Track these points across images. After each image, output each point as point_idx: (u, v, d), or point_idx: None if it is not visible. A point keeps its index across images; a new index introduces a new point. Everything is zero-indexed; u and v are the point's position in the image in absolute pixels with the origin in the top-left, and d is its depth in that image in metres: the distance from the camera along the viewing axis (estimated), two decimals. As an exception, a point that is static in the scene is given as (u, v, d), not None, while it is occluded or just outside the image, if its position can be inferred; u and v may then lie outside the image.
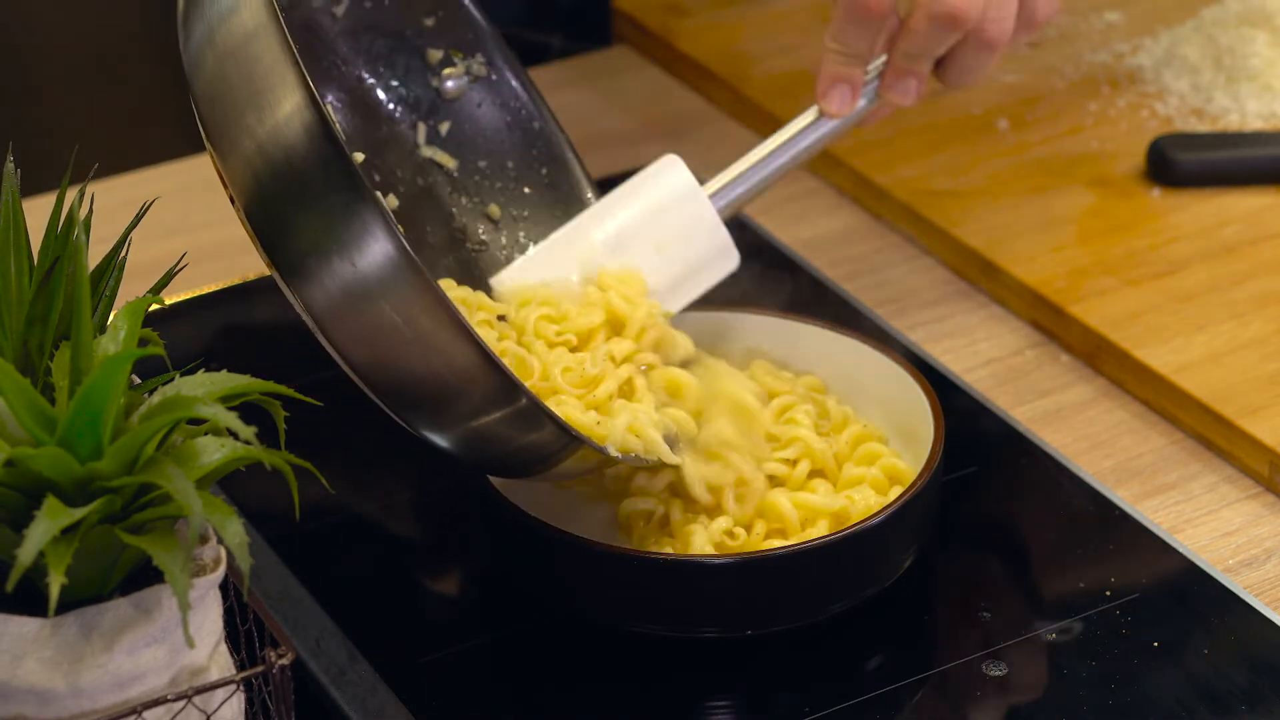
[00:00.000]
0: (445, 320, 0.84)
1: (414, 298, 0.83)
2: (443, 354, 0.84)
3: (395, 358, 0.85)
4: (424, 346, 0.84)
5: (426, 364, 0.85)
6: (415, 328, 0.84)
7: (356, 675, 0.93)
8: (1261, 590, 0.97)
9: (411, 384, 0.86)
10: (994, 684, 0.92)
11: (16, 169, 0.82)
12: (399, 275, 0.83)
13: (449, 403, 0.86)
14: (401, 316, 0.84)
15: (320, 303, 0.85)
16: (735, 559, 0.91)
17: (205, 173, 1.30)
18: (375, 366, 0.86)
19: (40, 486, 0.74)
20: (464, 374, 0.85)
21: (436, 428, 0.88)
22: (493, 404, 0.85)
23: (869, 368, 1.01)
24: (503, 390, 0.85)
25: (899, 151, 1.26)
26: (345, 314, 0.85)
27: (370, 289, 0.84)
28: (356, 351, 0.86)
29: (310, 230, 0.84)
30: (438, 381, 0.85)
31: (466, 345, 0.84)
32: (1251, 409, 1.05)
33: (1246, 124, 1.27)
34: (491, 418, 0.86)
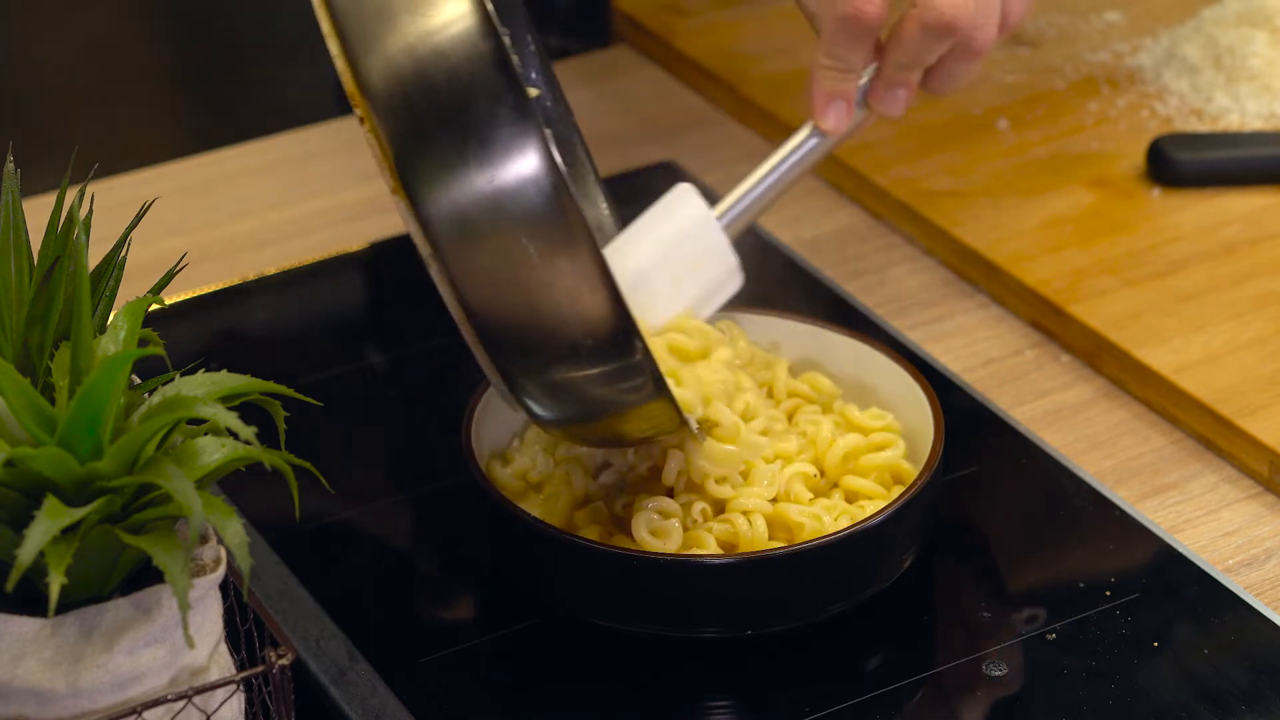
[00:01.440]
0: (586, 256, 0.81)
1: (558, 227, 0.81)
2: (572, 292, 0.82)
3: (516, 291, 0.83)
4: (553, 282, 0.82)
5: (550, 301, 0.82)
6: (549, 260, 0.81)
7: (356, 675, 0.93)
8: (1261, 590, 0.97)
9: (523, 321, 0.84)
10: (994, 684, 0.92)
11: (16, 169, 0.82)
12: (547, 201, 0.81)
13: (556, 345, 0.84)
14: (536, 246, 0.81)
15: (447, 223, 0.82)
16: (735, 559, 0.91)
17: (205, 173, 1.30)
18: (489, 298, 0.83)
19: (40, 486, 0.74)
20: (587, 315, 0.83)
21: (528, 371, 0.85)
22: (604, 351, 0.84)
23: (869, 368, 1.01)
24: (622, 336, 0.83)
25: (899, 151, 1.26)
26: (474, 238, 0.82)
27: (509, 211, 0.81)
28: (473, 279, 0.83)
29: (456, 140, 0.81)
30: (554, 321, 0.83)
31: (602, 285, 0.82)
32: (1251, 409, 1.05)
33: (1246, 124, 1.27)
34: (594, 366, 0.84)
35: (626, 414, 0.88)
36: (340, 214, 1.26)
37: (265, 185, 1.29)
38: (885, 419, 0.99)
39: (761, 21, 1.39)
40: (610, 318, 0.83)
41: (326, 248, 1.22)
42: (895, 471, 0.97)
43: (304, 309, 1.20)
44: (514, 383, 0.87)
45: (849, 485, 0.96)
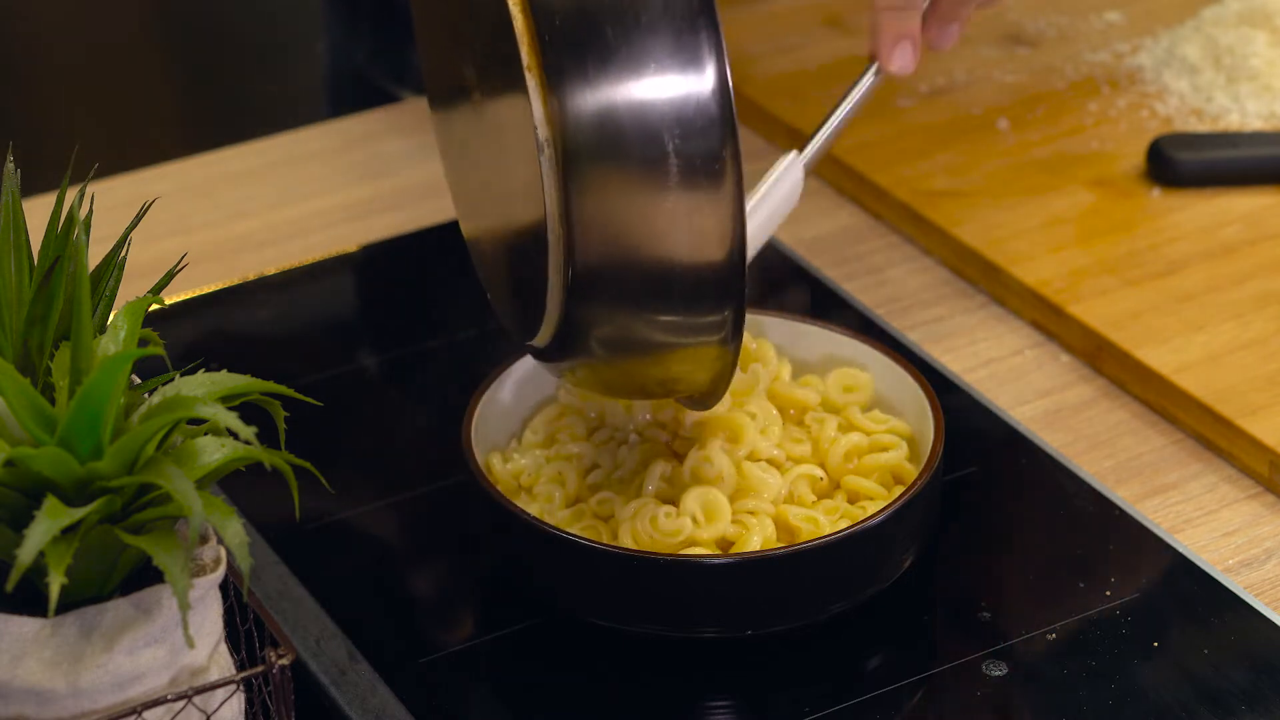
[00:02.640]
0: (729, 186, 0.78)
1: (708, 148, 0.78)
2: (696, 219, 0.79)
3: (637, 202, 0.79)
4: (684, 203, 0.79)
5: (670, 223, 0.79)
6: (687, 181, 0.78)
7: (356, 675, 0.93)
8: (1261, 590, 0.97)
9: (630, 239, 0.80)
10: (994, 684, 0.92)
11: (16, 169, 0.82)
12: (707, 120, 0.78)
13: (655, 270, 0.81)
14: (680, 163, 0.78)
15: (589, 117, 0.78)
16: (735, 559, 0.91)
17: (205, 172, 1.30)
18: (604, 203, 0.79)
19: (40, 486, 0.74)
20: (702, 248, 0.79)
21: (610, 291, 0.82)
22: (704, 294, 0.81)
23: (869, 368, 1.01)
24: (727, 281, 0.80)
25: (899, 151, 1.26)
26: (614, 137, 0.78)
27: (664, 119, 0.78)
28: (594, 183, 0.79)
29: (627, 34, 0.78)
30: (667, 250, 0.80)
31: (734, 229, 0.79)
32: (1251, 409, 1.05)
33: (1246, 124, 1.27)
34: (684, 305, 0.81)
35: (683, 355, 0.85)
36: (340, 214, 1.26)
37: (265, 185, 1.29)
38: (889, 423, 0.99)
39: (761, 21, 1.39)
40: (728, 267, 0.80)
41: (326, 248, 1.22)
42: (897, 472, 0.97)
43: (304, 309, 1.20)
44: (577, 302, 0.83)
45: (851, 485, 0.96)
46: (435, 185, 1.27)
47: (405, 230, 1.23)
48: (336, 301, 1.22)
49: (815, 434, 0.98)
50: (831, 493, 0.97)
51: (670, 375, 0.88)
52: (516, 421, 1.01)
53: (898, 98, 1.31)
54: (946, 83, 1.32)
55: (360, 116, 1.35)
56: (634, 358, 0.87)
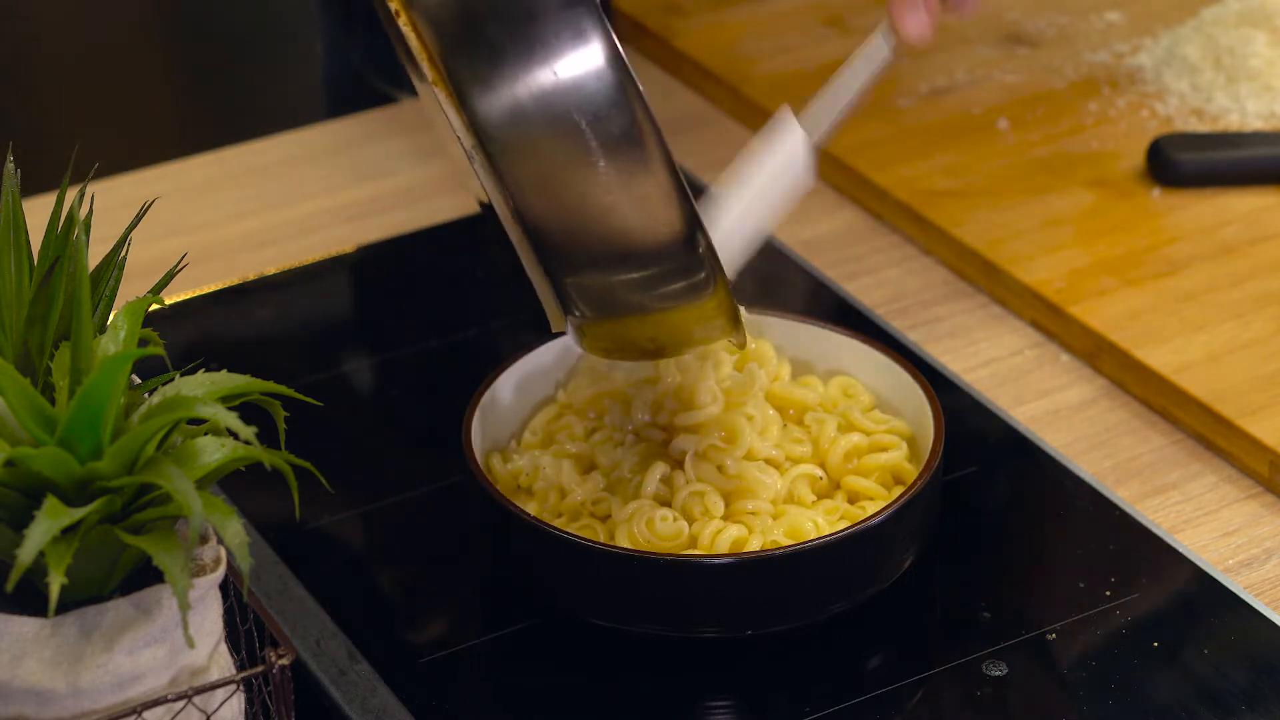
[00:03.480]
0: (651, 146, 0.79)
1: (620, 117, 0.78)
2: (638, 192, 0.80)
3: (574, 187, 0.80)
4: (616, 174, 0.79)
5: (613, 200, 0.80)
6: (612, 152, 0.79)
7: (356, 675, 0.93)
8: (1261, 590, 0.98)
9: (580, 218, 0.81)
10: (994, 684, 0.92)
11: (16, 169, 0.82)
12: (609, 90, 0.79)
13: (615, 243, 0.81)
14: (599, 138, 0.79)
15: (500, 116, 0.79)
16: (735, 559, 0.91)
17: (205, 173, 1.30)
18: (542, 194, 0.80)
19: (40, 486, 0.74)
20: (654, 216, 0.80)
21: (581, 268, 0.83)
22: (669, 251, 0.81)
23: (869, 368, 1.01)
24: (689, 236, 0.80)
25: (899, 151, 1.26)
26: (529, 132, 0.79)
27: (570, 101, 0.79)
28: (525, 175, 0.80)
29: (512, 31, 0.79)
30: (617, 220, 0.81)
31: (672, 187, 0.79)
32: (1251, 409, 1.05)
33: (1246, 124, 1.27)
34: (655, 266, 0.82)
35: (679, 314, 0.85)
36: (339, 214, 1.26)
37: (265, 185, 1.29)
38: (889, 423, 0.99)
39: (761, 21, 1.39)
40: (679, 220, 0.81)
41: (326, 248, 1.22)
42: (897, 472, 0.97)
43: (304, 309, 1.20)
44: (562, 282, 0.84)
45: (851, 485, 0.96)
46: (434, 186, 1.27)
47: (405, 230, 1.23)
48: (336, 301, 1.22)
49: (815, 434, 0.98)
50: (831, 493, 0.97)
51: (683, 332, 0.88)
52: (516, 421, 1.01)
53: (898, 98, 1.31)
54: (946, 83, 1.32)
55: (359, 117, 1.35)
56: (636, 325, 0.87)
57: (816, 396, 1.00)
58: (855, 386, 1.01)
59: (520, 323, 1.14)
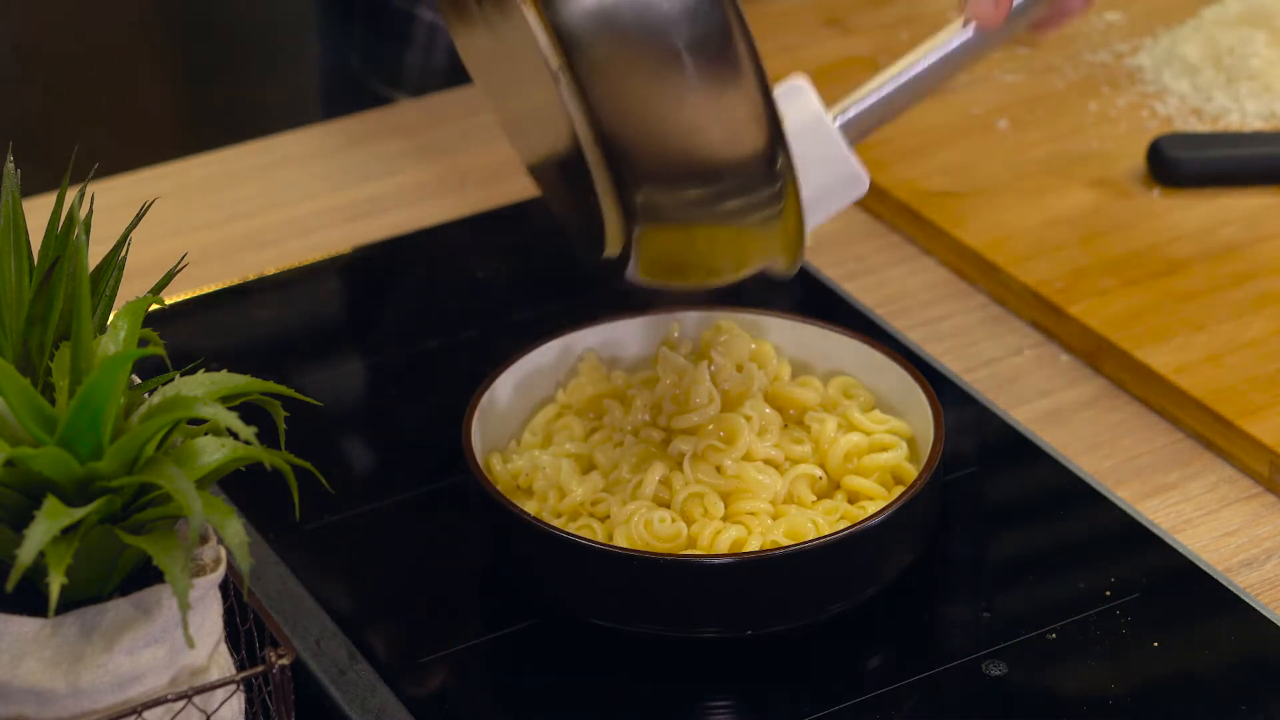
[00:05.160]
0: (743, 56, 0.78)
1: (713, 26, 0.78)
2: (722, 97, 0.79)
3: (661, 91, 0.79)
4: (704, 82, 0.78)
5: (696, 105, 0.79)
6: (701, 60, 0.78)
7: (356, 675, 0.93)
8: (1261, 590, 0.98)
9: (667, 126, 0.80)
10: (994, 684, 0.92)
11: (16, 169, 0.82)
12: (711, 3, 0.77)
13: (698, 152, 0.80)
14: (689, 45, 0.78)
15: (590, 22, 0.78)
16: (735, 559, 0.91)
17: (205, 172, 1.30)
18: (629, 100, 0.79)
19: (40, 486, 0.74)
20: (735, 123, 0.79)
21: (661, 180, 0.82)
22: (748, 162, 0.80)
23: (869, 368, 1.01)
24: (768, 148, 0.80)
25: (899, 151, 1.26)
26: (618, 34, 0.78)
27: (668, 17, 0.78)
28: (613, 85, 0.79)
29: None
30: (700, 128, 0.80)
31: (755, 89, 0.78)
32: (1251, 409, 1.05)
33: (1246, 124, 1.27)
34: (734, 179, 0.81)
35: (748, 231, 0.84)
36: (340, 214, 1.26)
37: (265, 185, 1.29)
38: (889, 423, 0.99)
39: (761, 21, 1.39)
40: (764, 135, 0.80)
41: (326, 248, 1.22)
42: (897, 472, 0.97)
43: (304, 309, 1.20)
44: (633, 196, 0.83)
45: (851, 485, 0.96)
46: (435, 186, 1.27)
47: (405, 230, 1.23)
48: (336, 301, 1.22)
49: (815, 434, 0.98)
50: (831, 493, 0.97)
51: (746, 250, 0.87)
52: (516, 422, 1.01)
53: (898, 98, 1.31)
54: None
55: (359, 117, 1.35)
56: (703, 239, 0.86)
57: (816, 396, 1.00)
58: (855, 386, 1.01)
59: (520, 323, 1.14)
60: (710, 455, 0.96)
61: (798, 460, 0.97)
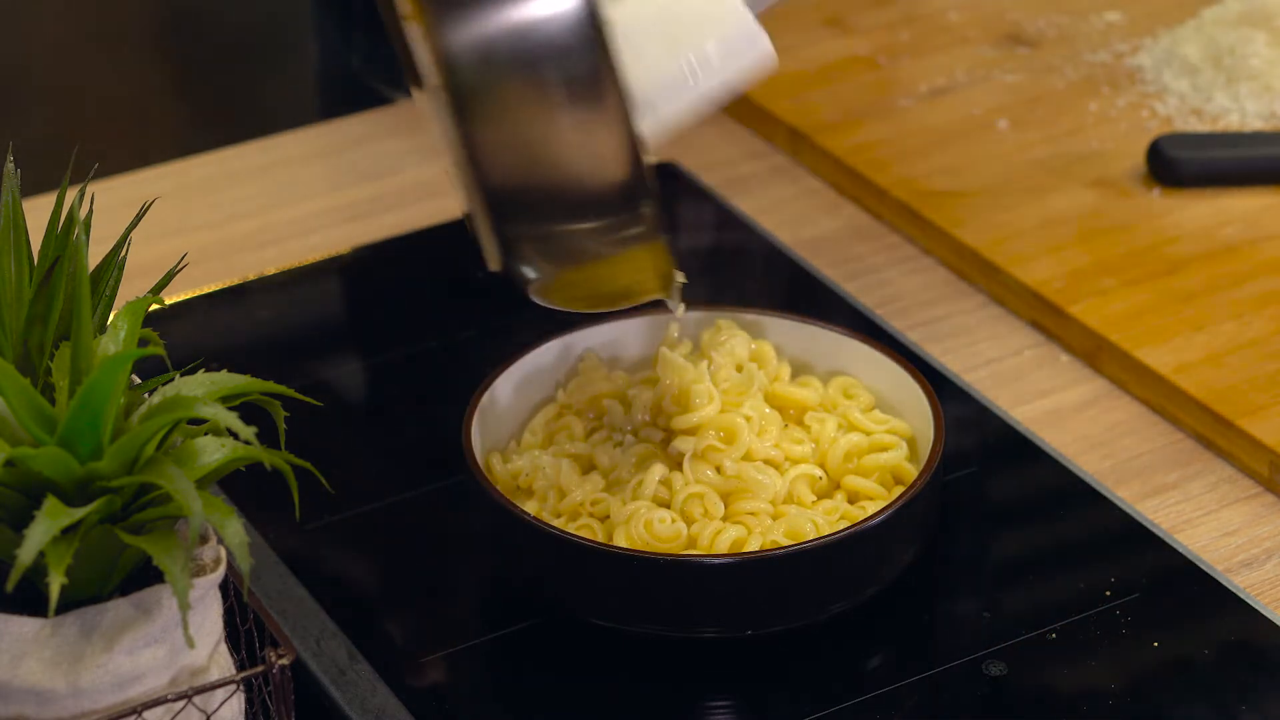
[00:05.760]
0: (614, 104, 0.80)
1: (585, 66, 0.80)
2: (592, 141, 0.81)
3: (532, 132, 0.81)
4: (575, 127, 0.81)
5: (568, 147, 0.81)
6: (575, 103, 0.80)
7: (356, 675, 0.93)
8: (1261, 590, 0.97)
9: (534, 164, 0.82)
10: (994, 684, 0.92)
11: (17, 169, 0.82)
12: (581, 39, 0.80)
13: (565, 193, 0.82)
14: (564, 86, 0.80)
15: (469, 54, 0.80)
16: (735, 559, 0.91)
17: (205, 172, 1.30)
18: (500, 136, 0.82)
19: (40, 486, 0.74)
20: (605, 168, 0.81)
21: (525, 216, 0.84)
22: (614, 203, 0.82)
23: (869, 368, 1.01)
24: (633, 188, 0.82)
25: (899, 151, 1.26)
26: (497, 71, 0.80)
27: (539, 46, 0.80)
28: (486, 115, 0.81)
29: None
30: (569, 168, 0.82)
31: (627, 143, 0.80)
32: (1251, 409, 1.05)
33: (1246, 124, 1.27)
34: (599, 217, 0.83)
35: (618, 260, 0.86)
36: (340, 214, 1.26)
37: (265, 185, 1.29)
38: (889, 423, 0.99)
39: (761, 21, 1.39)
40: (629, 174, 0.82)
41: (326, 248, 1.22)
42: (896, 472, 0.97)
43: (304, 309, 1.20)
44: (505, 227, 0.85)
45: (851, 485, 0.96)
46: (434, 186, 1.27)
47: (404, 230, 1.23)
48: (336, 301, 1.22)
49: (815, 434, 0.98)
50: (831, 493, 0.97)
51: (618, 283, 0.89)
52: (516, 422, 1.01)
53: (898, 98, 1.31)
54: (946, 83, 1.32)
55: (360, 117, 1.35)
56: (573, 271, 0.87)
57: (816, 396, 1.00)
58: (855, 386, 1.01)
59: (520, 323, 1.14)
60: (710, 455, 0.96)
61: (798, 460, 0.97)
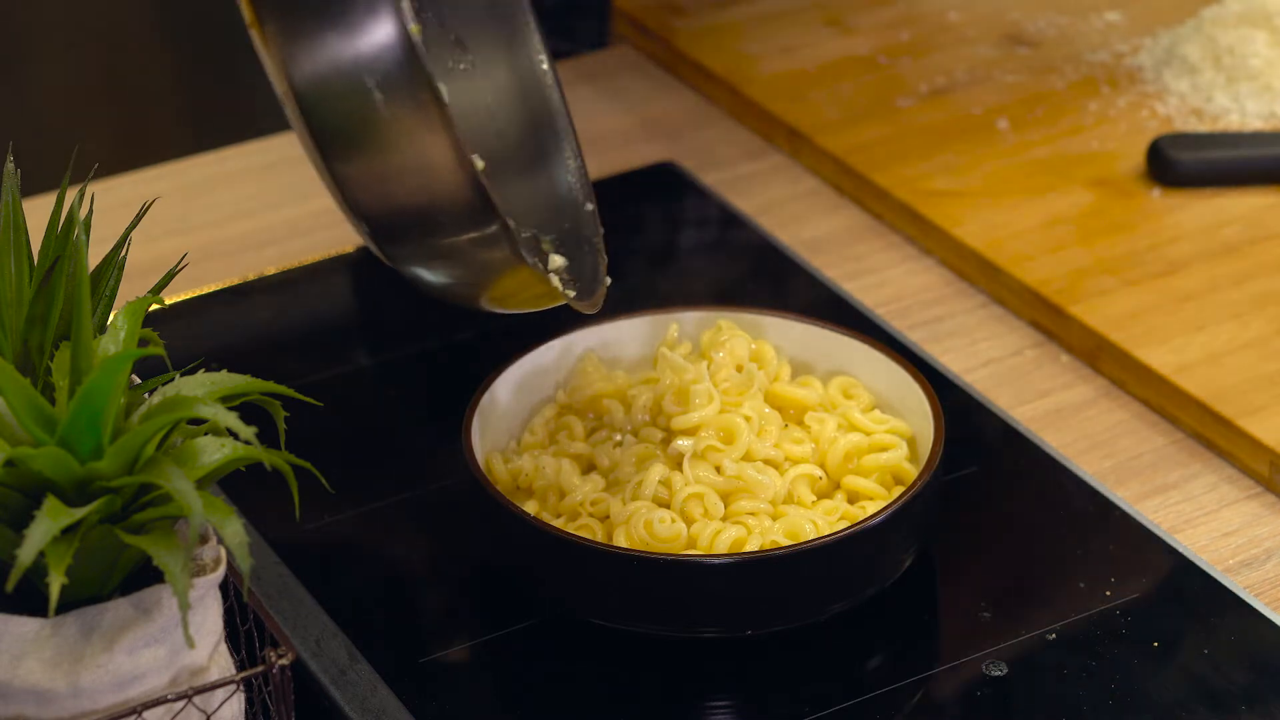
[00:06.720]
0: (438, 122, 0.83)
1: (410, 89, 0.83)
2: (425, 158, 0.84)
3: (372, 150, 0.85)
4: (406, 144, 0.84)
5: (406, 164, 0.84)
6: (400, 122, 0.83)
7: (356, 675, 0.93)
8: (1261, 590, 0.98)
9: (379, 180, 0.86)
10: (994, 684, 0.92)
11: (16, 169, 0.82)
12: (401, 56, 0.83)
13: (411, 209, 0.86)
14: (389, 106, 0.83)
15: (301, 68, 0.84)
16: (735, 559, 0.91)
17: (205, 172, 1.30)
18: (347, 155, 0.86)
19: (40, 486, 0.74)
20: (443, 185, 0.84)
21: (389, 232, 0.87)
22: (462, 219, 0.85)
23: (869, 368, 1.01)
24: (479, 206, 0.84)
25: (899, 151, 1.26)
26: (325, 86, 0.84)
27: (364, 70, 0.83)
28: (329, 132, 0.85)
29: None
30: (411, 185, 0.85)
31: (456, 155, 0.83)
32: (1251, 409, 1.05)
33: (1246, 124, 1.27)
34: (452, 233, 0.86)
35: (491, 279, 0.89)
36: (340, 214, 1.25)
37: (265, 185, 1.29)
38: (889, 423, 0.99)
39: (761, 21, 1.39)
40: (468, 189, 0.84)
41: (326, 248, 1.22)
42: (896, 472, 0.97)
43: (304, 309, 1.20)
44: (378, 238, 0.88)
45: (851, 485, 0.96)
46: (435, 185, 1.27)
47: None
48: (336, 301, 1.22)
49: (815, 434, 0.98)
50: (831, 493, 0.97)
51: (509, 297, 0.91)
52: (516, 422, 1.01)
53: (898, 98, 1.31)
54: (946, 83, 1.33)
55: (360, 117, 1.35)
56: (445, 277, 0.91)
57: (816, 396, 1.00)
58: (855, 386, 1.01)
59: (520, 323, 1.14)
60: (710, 455, 0.96)
61: (797, 460, 0.97)
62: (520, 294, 0.91)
